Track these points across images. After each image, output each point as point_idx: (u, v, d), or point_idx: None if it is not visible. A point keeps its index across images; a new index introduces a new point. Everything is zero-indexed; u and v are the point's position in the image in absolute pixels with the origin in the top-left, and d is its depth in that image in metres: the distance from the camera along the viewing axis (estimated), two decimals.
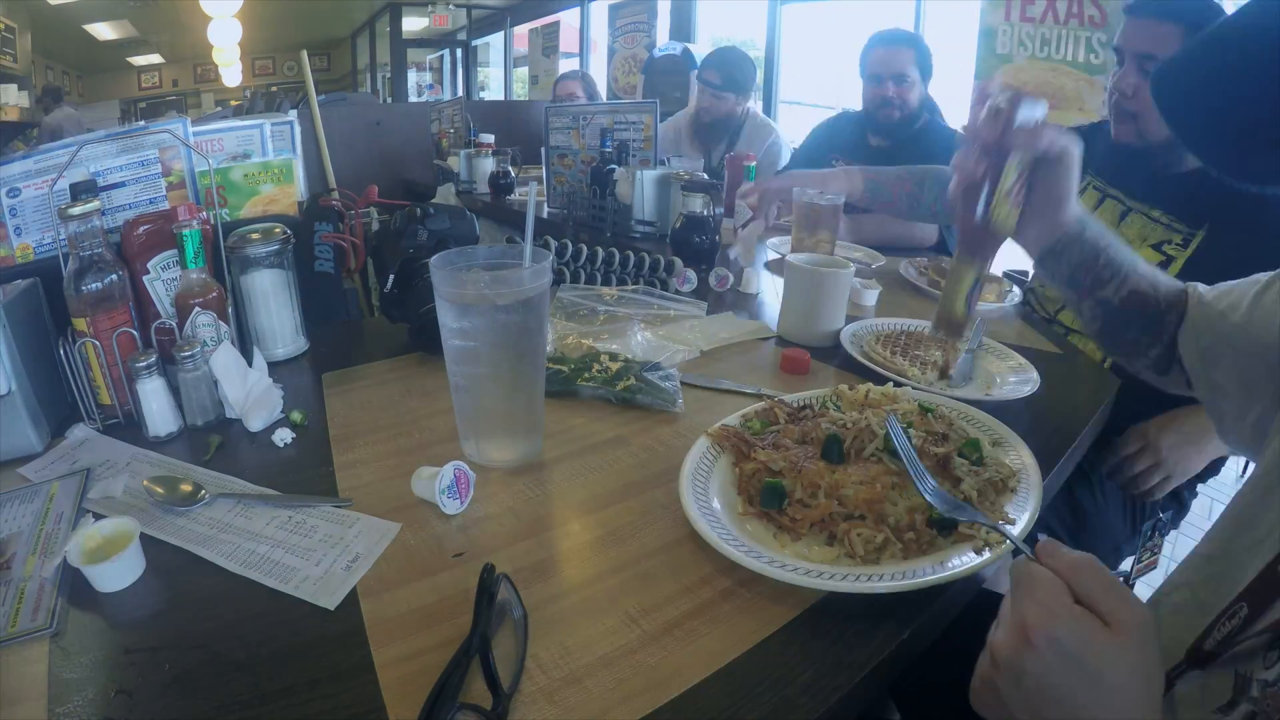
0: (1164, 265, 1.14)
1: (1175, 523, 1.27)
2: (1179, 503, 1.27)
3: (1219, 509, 0.61)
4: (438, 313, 0.69)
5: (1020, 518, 0.60)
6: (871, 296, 1.27)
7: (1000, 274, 1.36)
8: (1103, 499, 1.19)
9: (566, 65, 5.77)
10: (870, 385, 0.77)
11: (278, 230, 0.95)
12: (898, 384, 0.84)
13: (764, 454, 0.67)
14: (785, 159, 2.53)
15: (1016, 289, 1.37)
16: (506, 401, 0.72)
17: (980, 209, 0.59)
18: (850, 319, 1.09)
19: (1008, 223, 0.60)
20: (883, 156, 1.99)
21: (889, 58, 1.95)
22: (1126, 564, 1.26)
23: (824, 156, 2.13)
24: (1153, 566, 1.30)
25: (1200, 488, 1.28)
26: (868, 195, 1.44)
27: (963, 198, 0.61)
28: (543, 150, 2.19)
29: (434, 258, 0.67)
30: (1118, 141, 1.21)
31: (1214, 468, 1.21)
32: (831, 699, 0.47)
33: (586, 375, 0.87)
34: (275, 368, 0.92)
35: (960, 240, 0.66)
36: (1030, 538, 0.50)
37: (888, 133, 2.01)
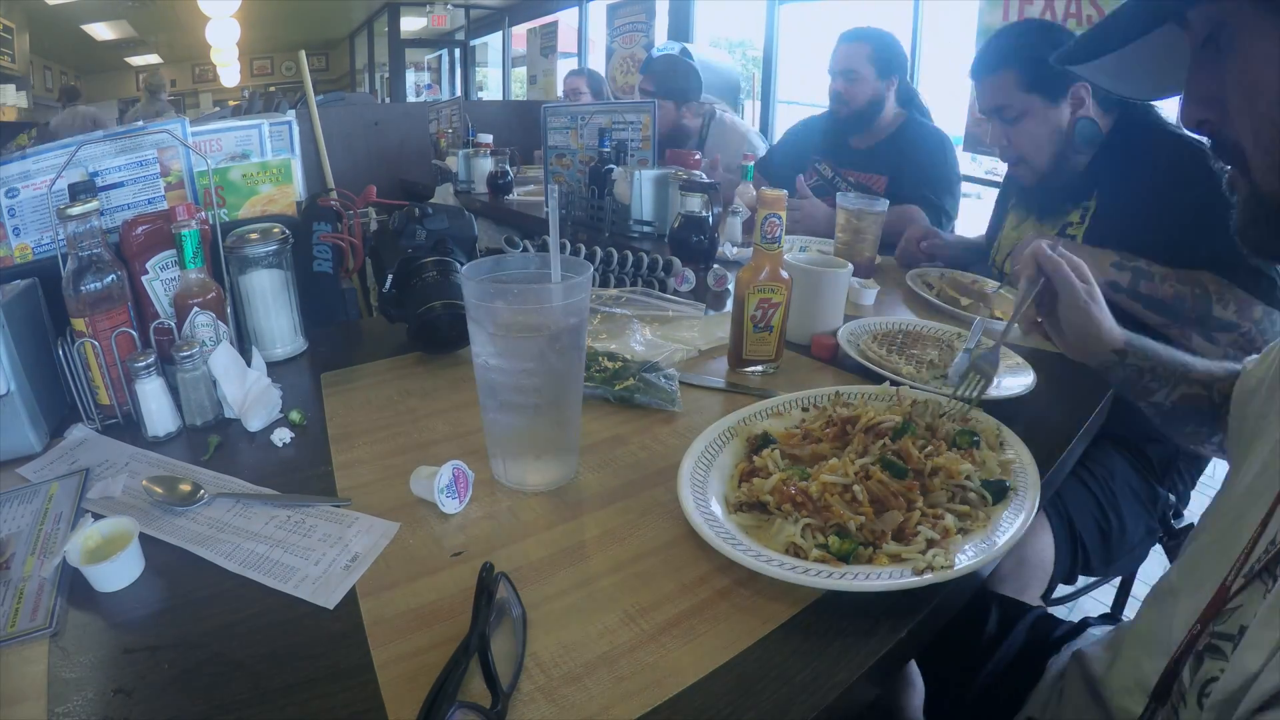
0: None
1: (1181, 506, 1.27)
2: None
3: None
4: (471, 341, 0.65)
5: (1018, 518, 0.60)
6: (870, 296, 1.27)
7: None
8: (1121, 521, 1.19)
9: (565, 65, 5.77)
10: (866, 385, 0.77)
11: (276, 230, 0.95)
12: (894, 383, 0.84)
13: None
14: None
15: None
16: (553, 427, 0.68)
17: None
18: (848, 318, 1.10)
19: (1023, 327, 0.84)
20: (863, 156, 1.99)
21: (841, 54, 1.95)
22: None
23: (802, 157, 2.11)
24: None
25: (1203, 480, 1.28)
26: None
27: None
28: (544, 148, 2.19)
29: (466, 267, 0.66)
30: (1026, 184, 1.38)
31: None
32: (830, 697, 0.47)
33: (586, 375, 0.87)
34: (274, 367, 0.92)
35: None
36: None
37: (858, 129, 1.98)
